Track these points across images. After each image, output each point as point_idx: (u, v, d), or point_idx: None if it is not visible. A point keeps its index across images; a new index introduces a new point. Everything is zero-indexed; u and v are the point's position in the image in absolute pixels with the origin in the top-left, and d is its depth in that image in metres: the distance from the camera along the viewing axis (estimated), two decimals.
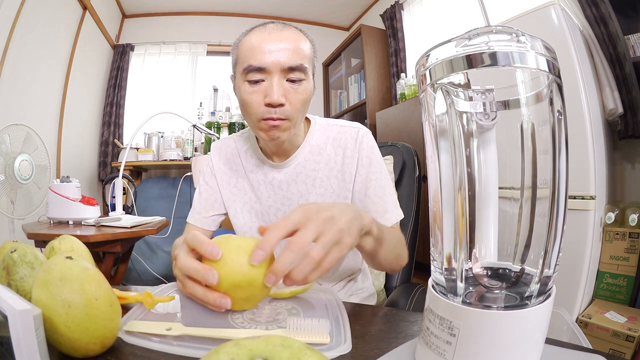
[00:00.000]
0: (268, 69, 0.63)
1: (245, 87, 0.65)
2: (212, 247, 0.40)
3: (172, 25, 3.69)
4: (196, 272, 0.40)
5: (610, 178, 1.60)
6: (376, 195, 0.72)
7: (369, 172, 0.73)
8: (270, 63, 0.62)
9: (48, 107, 2.52)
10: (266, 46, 0.62)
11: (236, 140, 0.82)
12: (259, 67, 0.63)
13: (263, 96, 0.64)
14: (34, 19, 2.20)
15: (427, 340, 0.28)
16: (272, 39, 0.63)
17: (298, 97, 0.65)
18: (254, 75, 0.63)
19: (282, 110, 0.64)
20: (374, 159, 0.74)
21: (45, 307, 0.29)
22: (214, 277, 0.39)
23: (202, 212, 0.79)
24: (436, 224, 0.29)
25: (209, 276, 0.39)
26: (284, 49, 0.63)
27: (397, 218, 0.72)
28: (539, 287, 0.26)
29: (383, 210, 0.71)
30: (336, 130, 0.77)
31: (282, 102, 0.63)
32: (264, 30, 0.65)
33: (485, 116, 0.27)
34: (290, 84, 0.64)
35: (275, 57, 0.62)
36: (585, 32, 1.62)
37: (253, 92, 0.64)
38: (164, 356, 0.33)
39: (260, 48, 0.63)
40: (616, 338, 1.27)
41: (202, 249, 0.41)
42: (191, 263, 0.41)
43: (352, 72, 3.58)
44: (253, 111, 0.65)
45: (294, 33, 0.66)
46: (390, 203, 0.72)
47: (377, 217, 0.70)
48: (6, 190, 1.42)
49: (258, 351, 0.17)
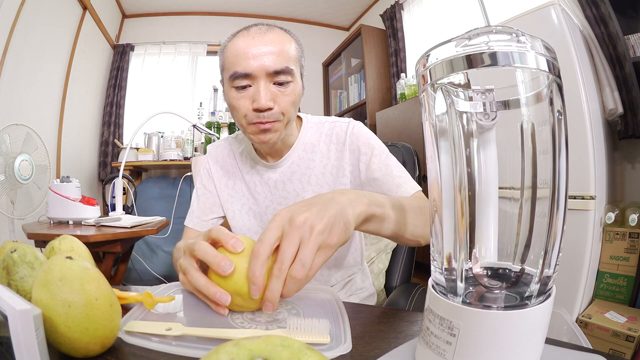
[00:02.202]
0: (254, 74, 0.62)
1: (232, 93, 0.65)
2: (236, 241, 0.41)
3: (172, 25, 3.69)
4: (214, 259, 0.40)
5: (610, 178, 1.60)
6: (384, 175, 0.70)
7: (370, 158, 0.72)
8: (255, 68, 0.62)
9: (48, 107, 2.52)
10: (250, 51, 0.62)
11: (231, 143, 0.82)
12: (244, 73, 0.62)
13: (251, 101, 0.64)
14: (34, 19, 2.20)
15: (427, 340, 0.28)
16: (255, 43, 0.62)
17: (286, 99, 0.65)
18: (241, 82, 0.63)
19: (271, 114, 0.64)
20: (370, 144, 0.73)
21: (45, 307, 0.29)
22: (230, 267, 0.39)
23: (201, 216, 0.79)
24: (436, 224, 0.29)
25: (225, 264, 0.39)
26: (269, 53, 0.62)
27: (412, 189, 0.69)
28: (539, 287, 0.26)
29: (396, 186, 0.69)
30: (328, 127, 0.77)
31: (270, 107, 0.63)
32: (248, 35, 0.64)
33: (485, 116, 0.27)
34: (278, 87, 0.64)
35: (260, 61, 0.62)
36: (585, 32, 1.62)
37: (241, 98, 0.64)
38: (164, 356, 0.33)
39: (244, 53, 0.62)
40: (616, 338, 1.27)
41: (226, 241, 0.41)
42: (211, 249, 0.41)
43: (352, 72, 3.58)
44: (242, 116, 0.65)
45: (278, 35, 0.65)
46: (399, 178, 0.70)
47: (392, 194, 0.68)
48: (6, 190, 1.42)
49: (258, 351, 0.17)
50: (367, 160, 0.72)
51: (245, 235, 0.45)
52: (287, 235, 0.38)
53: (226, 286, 0.40)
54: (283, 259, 0.37)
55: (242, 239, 0.42)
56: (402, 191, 0.68)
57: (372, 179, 0.71)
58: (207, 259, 0.40)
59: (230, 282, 0.39)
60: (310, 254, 0.38)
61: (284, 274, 0.37)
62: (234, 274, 0.39)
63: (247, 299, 0.39)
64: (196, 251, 0.42)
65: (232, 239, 0.41)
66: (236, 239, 0.41)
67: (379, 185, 0.70)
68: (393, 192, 0.69)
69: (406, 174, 0.72)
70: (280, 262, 0.37)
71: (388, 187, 0.69)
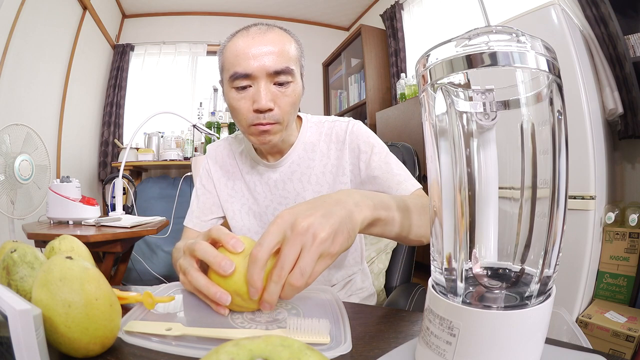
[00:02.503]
0: (254, 74, 0.62)
1: (232, 93, 0.65)
2: (236, 241, 0.41)
3: (172, 25, 3.69)
4: (215, 258, 0.40)
5: (610, 178, 1.60)
6: (384, 173, 0.70)
7: (370, 156, 0.72)
8: (255, 68, 0.61)
9: (48, 107, 2.52)
10: (250, 51, 0.62)
11: (231, 143, 0.82)
12: (245, 74, 0.62)
13: (251, 102, 0.63)
14: (34, 19, 2.20)
15: (427, 340, 0.28)
16: (255, 43, 0.62)
17: (286, 100, 0.65)
18: (241, 82, 0.63)
19: (271, 115, 0.64)
20: (370, 143, 0.73)
21: (45, 307, 0.29)
22: (231, 267, 0.39)
23: (200, 216, 0.79)
24: (436, 224, 0.29)
25: (226, 264, 0.39)
26: (269, 53, 0.62)
27: (413, 187, 0.68)
28: (539, 287, 0.26)
29: (396, 183, 0.69)
30: (328, 126, 0.77)
31: (270, 107, 0.63)
32: (247, 35, 0.64)
33: (485, 116, 0.27)
34: (278, 87, 0.64)
35: (260, 62, 0.61)
36: (585, 32, 1.62)
37: (241, 99, 0.64)
38: (164, 356, 0.33)
39: (244, 54, 0.62)
40: (616, 338, 1.27)
41: (226, 241, 0.41)
42: (212, 249, 0.41)
43: (352, 72, 3.58)
44: (242, 117, 0.65)
45: (278, 35, 0.65)
46: (399, 175, 0.70)
47: (392, 192, 0.68)
48: (6, 190, 1.42)
49: (258, 351, 0.17)
50: (367, 159, 0.72)
51: (245, 235, 0.45)
52: (288, 241, 0.37)
53: (226, 286, 0.40)
54: (283, 265, 0.37)
55: (242, 239, 0.42)
56: (402, 189, 0.68)
57: (372, 177, 0.71)
58: (207, 258, 0.40)
59: (230, 282, 0.39)
60: (310, 262, 0.37)
61: (283, 279, 0.37)
62: (234, 274, 0.39)
63: (247, 299, 0.39)
64: (196, 251, 0.42)
65: (232, 239, 0.41)
66: (236, 239, 0.41)
67: (379, 183, 0.70)
68: (393, 190, 0.68)
69: (406, 171, 0.72)
70: (280, 268, 0.37)
71: (388, 184, 0.69)
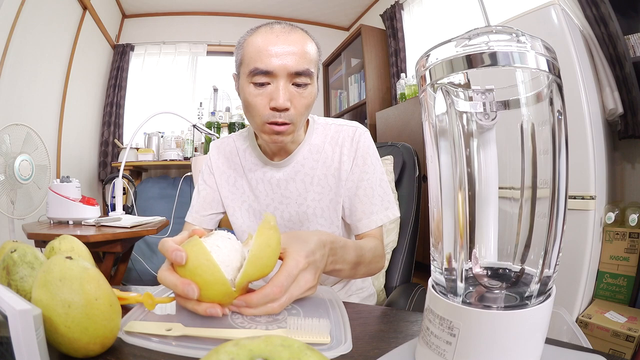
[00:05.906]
0: (275, 72, 0.62)
1: (250, 89, 0.64)
2: (177, 254, 0.39)
3: (172, 25, 3.69)
4: (175, 288, 0.39)
5: (610, 178, 1.60)
6: (365, 196, 0.72)
7: (362, 171, 0.73)
8: (277, 67, 0.61)
9: (48, 107, 2.52)
10: (273, 49, 0.61)
11: (235, 139, 0.82)
12: (265, 71, 0.62)
13: (268, 99, 0.63)
14: (34, 19, 2.20)
15: (427, 340, 0.28)
16: (279, 42, 0.62)
17: (303, 101, 0.65)
18: (260, 78, 0.63)
19: (287, 115, 0.64)
20: (369, 159, 0.74)
21: (45, 307, 0.29)
22: (194, 292, 0.38)
23: (200, 211, 0.80)
24: (436, 224, 0.29)
25: (188, 291, 0.38)
26: (292, 53, 0.62)
27: (382, 221, 0.72)
28: (539, 287, 0.26)
29: (369, 212, 0.72)
30: (334, 129, 0.77)
31: (287, 107, 0.63)
32: (271, 32, 0.63)
33: (485, 116, 0.27)
34: (296, 88, 0.64)
35: (282, 61, 0.61)
36: (585, 32, 1.62)
37: (258, 95, 0.64)
38: (164, 356, 0.33)
39: (267, 50, 0.62)
40: (616, 338, 1.27)
41: (168, 255, 0.40)
42: (170, 278, 0.40)
43: (352, 72, 3.58)
44: (257, 114, 0.65)
45: (301, 36, 0.65)
46: (377, 205, 0.72)
47: (363, 217, 0.72)
48: (6, 190, 1.42)
49: (258, 351, 0.17)
50: (358, 174, 0.73)
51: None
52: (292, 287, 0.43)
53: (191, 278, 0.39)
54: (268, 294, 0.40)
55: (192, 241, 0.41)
56: (372, 220, 0.72)
57: (354, 193, 0.73)
58: (172, 290, 0.41)
59: (186, 272, 0.39)
60: (292, 300, 0.43)
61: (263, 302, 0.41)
62: (187, 264, 0.39)
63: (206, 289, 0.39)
64: (162, 284, 0.41)
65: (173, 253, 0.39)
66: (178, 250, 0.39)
67: (355, 203, 0.73)
68: (365, 216, 0.72)
69: (384, 200, 0.73)
70: (265, 296, 0.40)
71: (362, 208, 0.72)
